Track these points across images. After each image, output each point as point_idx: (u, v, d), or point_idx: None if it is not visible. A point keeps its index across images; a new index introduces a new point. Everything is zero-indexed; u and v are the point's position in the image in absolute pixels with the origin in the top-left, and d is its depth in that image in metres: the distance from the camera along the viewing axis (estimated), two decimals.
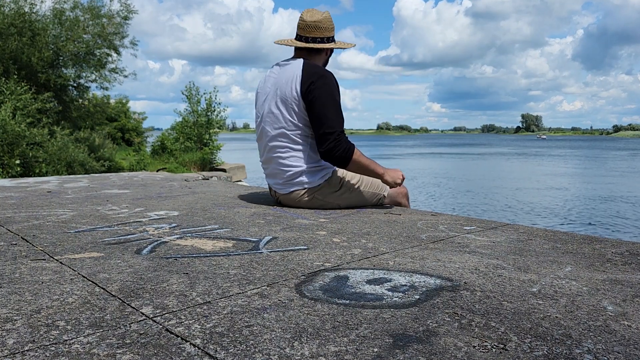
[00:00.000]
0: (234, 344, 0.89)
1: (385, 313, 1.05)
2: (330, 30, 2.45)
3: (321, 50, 2.47)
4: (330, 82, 2.32)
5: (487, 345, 0.90)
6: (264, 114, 2.44)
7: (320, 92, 2.28)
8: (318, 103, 2.28)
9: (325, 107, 2.28)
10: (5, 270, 1.36)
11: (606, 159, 40.49)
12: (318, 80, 2.29)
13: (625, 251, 1.65)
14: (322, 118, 2.28)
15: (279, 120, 2.37)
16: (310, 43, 2.43)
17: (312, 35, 2.42)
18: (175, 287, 1.22)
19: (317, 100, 2.28)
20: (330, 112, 2.28)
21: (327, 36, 2.45)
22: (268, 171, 2.53)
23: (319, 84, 2.29)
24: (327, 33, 2.44)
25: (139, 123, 30.05)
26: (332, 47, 2.49)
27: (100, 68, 14.30)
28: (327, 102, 2.28)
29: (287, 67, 2.41)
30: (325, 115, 2.27)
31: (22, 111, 10.53)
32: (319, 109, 2.28)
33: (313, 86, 2.28)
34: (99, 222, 2.09)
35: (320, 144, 2.30)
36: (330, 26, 2.44)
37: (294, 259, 1.49)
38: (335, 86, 2.35)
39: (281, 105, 2.36)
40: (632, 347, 0.90)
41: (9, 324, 0.98)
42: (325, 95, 2.29)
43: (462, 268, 1.41)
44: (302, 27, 2.43)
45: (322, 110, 2.28)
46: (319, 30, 2.42)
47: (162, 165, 14.82)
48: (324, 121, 2.27)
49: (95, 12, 13.80)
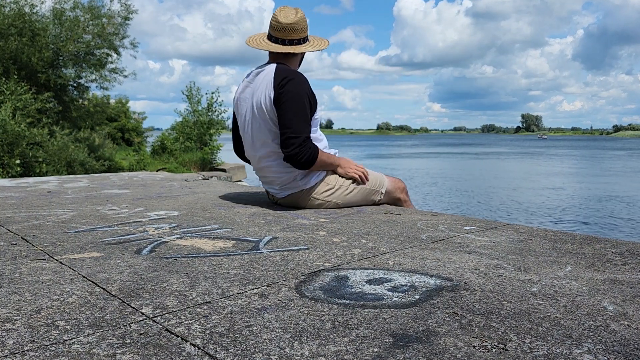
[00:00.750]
0: (234, 344, 0.89)
1: (385, 313, 1.05)
2: (305, 31, 2.40)
3: (296, 53, 2.43)
4: (299, 86, 2.27)
5: (487, 345, 0.90)
6: (246, 125, 2.42)
7: (288, 96, 2.24)
8: (285, 107, 2.24)
9: (291, 111, 2.24)
10: (5, 270, 1.36)
11: (609, 158, 40.47)
12: (287, 84, 2.25)
13: (625, 251, 1.65)
14: (288, 122, 2.25)
15: (261, 130, 2.34)
16: (287, 46, 2.38)
17: (289, 38, 2.37)
18: (175, 287, 1.22)
19: (284, 105, 2.25)
20: (297, 116, 2.25)
21: (303, 37, 2.40)
22: (263, 179, 2.53)
23: (287, 87, 2.25)
24: (302, 34, 2.39)
25: (139, 123, 30.06)
26: (308, 51, 2.43)
27: (100, 68, 14.31)
28: (293, 107, 2.25)
29: (262, 74, 2.37)
30: (291, 120, 2.24)
31: (22, 111, 10.54)
32: (286, 113, 2.25)
33: (282, 90, 2.25)
34: (99, 222, 2.09)
35: (285, 147, 2.26)
36: (305, 26, 2.40)
37: (294, 259, 1.49)
38: (305, 90, 2.30)
39: (260, 114, 2.32)
40: (632, 347, 0.90)
41: (9, 324, 0.98)
42: (293, 100, 2.25)
43: (462, 268, 1.41)
44: (278, 29, 2.36)
45: (288, 115, 2.25)
46: (295, 32, 2.36)
47: (162, 165, 14.83)
48: (289, 125, 2.24)
49: (95, 13, 13.81)
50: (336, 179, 2.45)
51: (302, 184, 2.39)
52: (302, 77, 2.33)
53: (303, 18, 2.40)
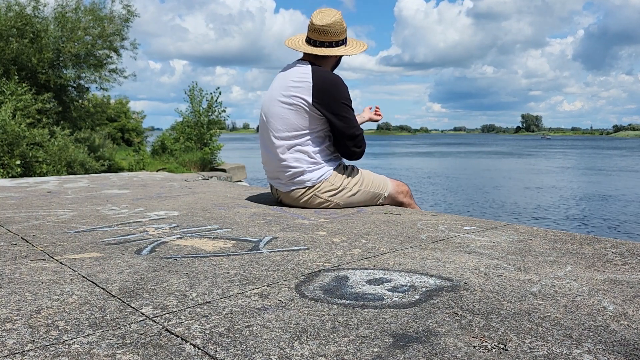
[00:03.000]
0: (234, 344, 0.89)
1: (385, 313, 1.05)
2: (339, 34, 2.41)
3: (329, 55, 2.46)
4: (342, 87, 2.39)
5: (487, 345, 0.90)
6: (267, 116, 2.45)
7: (337, 99, 2.36)
8: (339, 110, 2.37)
9: (344, 110, 2.39)
10: (5, 271, 1.36)
11: (615, 157, 40.32)
12: (332, 87, 2.35)
13: (625, 251, 1.64)
14: (347, 121, 2.40)
15: (282, 122, 2.37)
16: (318, 48, 2.41)
17: (320, 40, 2.40)
18: (175, 287, 1.22)
19: (336, 108, 2.36)
20: (350, 115, 2.42)
21: (336, 40, 2.42)
22: (269, 171, 2.53)
23: (333, 91, 2.35)
24: (335, 37, 2.41)
25: (139, 123, 30.07)
26: (337, 54, 2.46)
27: (100, 69, 14.31)
28: (345, 106, 2.39)
29: (293, 70, 2.41)
30: (350, 119, 2.41)
31: (22, 111, 10.53)
32: (341, 114, 2.38)
33: (327, 93, 2.33)
34: (99, 222, 2.09)
35: (355, 142, 2.45)
36: (339, 30, 2.40)
37: (294, 259, 1.49)
38: (347, 90, 2.43)
39: (285, 107, 2.36)
40: (632, 347, 0.90)
41: (9, 324, 0.98)
42: (342, 102, 2.38)
43: (462, 268, 1.41)
44: (312, 30, 2.41)
45: (346, 115, 2.39)
46: (326, 35, 2.39)
47: (162, 166, 14.83)
48: (352, 124, 2.41)
49: (97, 15, 13.81)
50: (341, 180, 2.46)
51: (307, 181, 2.40)
52: (340, 78, 2.43)
53: (338, 22, 2.40)
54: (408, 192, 2.68)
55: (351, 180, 2.48)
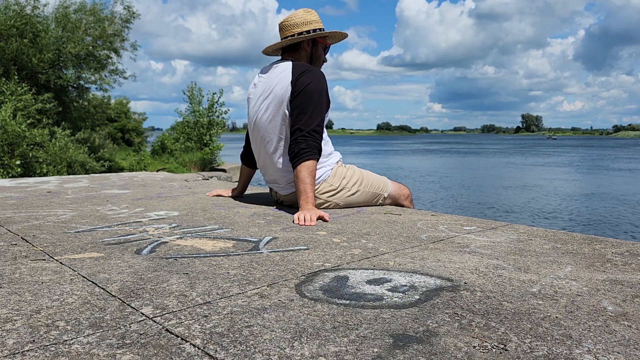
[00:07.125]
0: (234, 344, 0.89)
1: (385, 313, 1.05)
2: (302, 25, 2.38)
3: (299, 47, 2.43)
4: (318, 80, 2.29)
5: (487, 345, 0.90)
6: (255, 120, 2.43)
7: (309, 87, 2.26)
8: (304, 100, 2.25)
9: (310, 104, 2.26)
10: (5, 271, 1.36)
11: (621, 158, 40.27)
12: (304, 77, 2.27)
13: (625, 251, 1.64)
14: (302, 115, 2.25)
15: (271, 126, 2.36)
16: (282, 41, 2.42)
17: (284, 35, 2.42)
18: (175, 287, 1.22)
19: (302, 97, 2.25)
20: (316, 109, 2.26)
21: (302, 31, 2.39)
22: (267, 175, 2.52)
23: (303, 80, 2.26)
24: (298, 29, 2.38)
25: (139, 123, 30.08)
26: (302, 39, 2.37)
27: (100, 70, 14.32)
28: (313, 100, 2.26)
29: (275, 70, 2.38)
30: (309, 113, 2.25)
31: (22, 112, 10.54)
32: (304, 106, 2.25)
33: (300, 83, 2.26)
34: (99, 222, 2.09)
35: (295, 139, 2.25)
36: (300, 21, 2.38)
37: (294, 259, 1.49)
38: (324, 86, 2.32)
39: (272, 110, 2.33)
40: (632, 347, 0.90)
41: (9, 324, 0.98)
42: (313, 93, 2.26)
43: (462, 268, 1.41)
44: (278, 31, 2.45)
45: (306, 107, 2.25)
46: (288, 29, 2.40)
47: (162, 166, 14.84)
48: (303, 119, 2.24)
49: (97, 16, 13.82)
50: (340, 180, 2.45)
51: None
52: (321, 73, 2.36)
53: (298, 14, 2.41)
54: (409, 195, 2.68)
55: (350, 180, 2.47)
